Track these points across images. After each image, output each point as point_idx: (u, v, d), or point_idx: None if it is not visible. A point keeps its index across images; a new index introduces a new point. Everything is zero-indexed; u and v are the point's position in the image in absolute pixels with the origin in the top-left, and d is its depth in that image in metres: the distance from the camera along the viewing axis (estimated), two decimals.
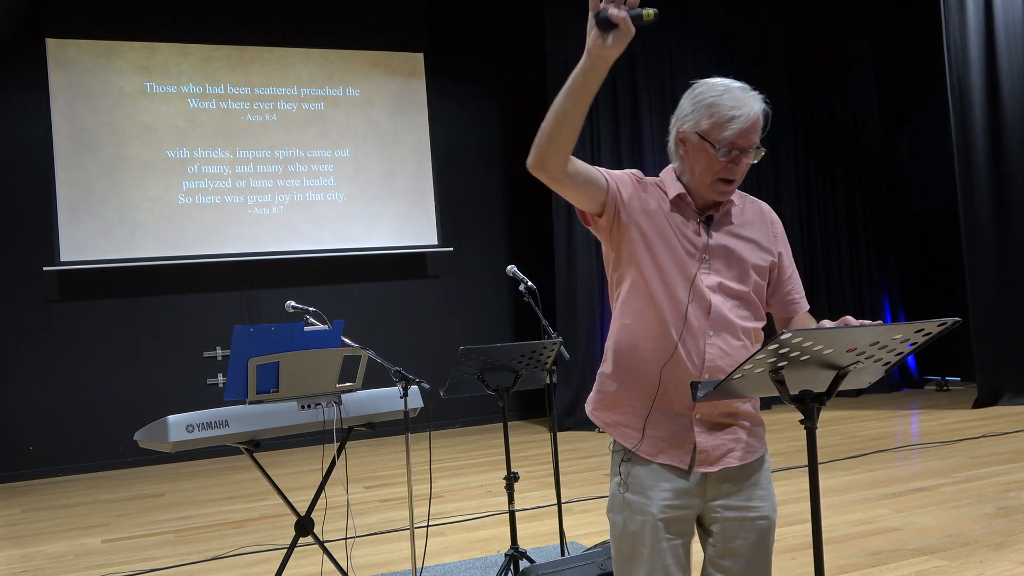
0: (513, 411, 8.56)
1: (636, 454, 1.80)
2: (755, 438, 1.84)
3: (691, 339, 1.75)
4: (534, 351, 3.20)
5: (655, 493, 1.77)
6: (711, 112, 1.73)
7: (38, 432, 7.28)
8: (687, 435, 1.77)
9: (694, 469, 1.77)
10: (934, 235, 9.10)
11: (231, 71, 7.91)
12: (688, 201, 1.81)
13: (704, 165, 1.76)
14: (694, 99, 1.78)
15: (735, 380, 1.55)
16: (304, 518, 3.25)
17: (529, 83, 8.62)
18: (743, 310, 1.80)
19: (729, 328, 1.77)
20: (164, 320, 7.69)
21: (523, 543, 3.75)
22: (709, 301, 1.76)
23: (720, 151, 1.73)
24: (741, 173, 1.77)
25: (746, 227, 1.85)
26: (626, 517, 1.80)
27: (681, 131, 1.80)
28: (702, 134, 1.75)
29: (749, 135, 1.73)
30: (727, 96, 1.73)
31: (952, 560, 3.45)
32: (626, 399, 1.82)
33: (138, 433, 2.97)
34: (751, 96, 1.74)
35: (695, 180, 1.80)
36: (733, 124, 1.71)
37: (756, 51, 8.77)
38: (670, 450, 1.78)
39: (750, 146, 1.74)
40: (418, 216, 8.39)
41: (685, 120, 1.79)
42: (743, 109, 1.71)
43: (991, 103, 7.27)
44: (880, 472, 5.14)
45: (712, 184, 1.77)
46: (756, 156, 1.76)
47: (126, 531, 5.07)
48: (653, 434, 1.78)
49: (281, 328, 3.09)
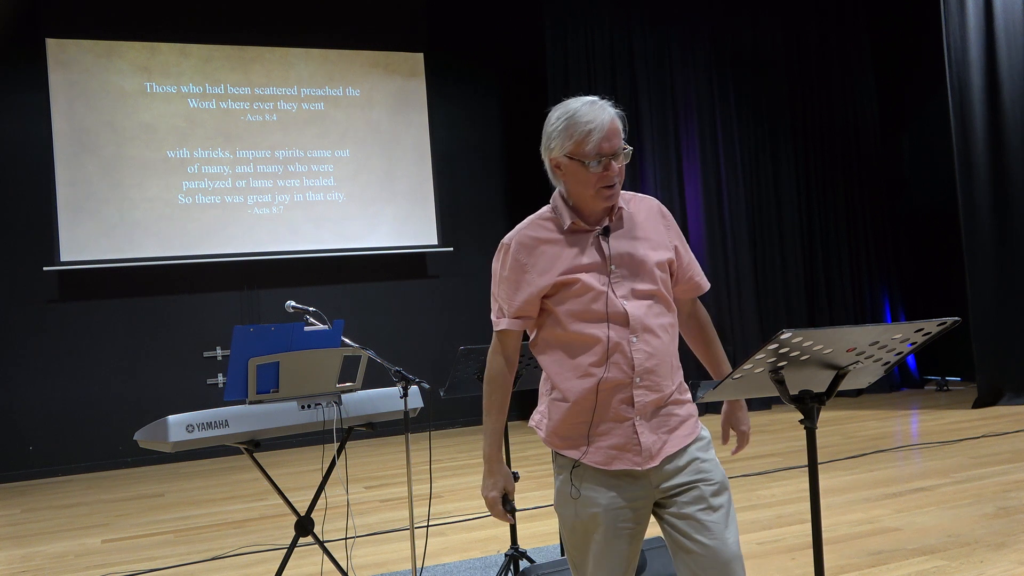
0: (513, 411, 8.54)
1: (586, 464, 1.88)
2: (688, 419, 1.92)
3: (618, 350, 1.84)
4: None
5: (604, 489, 1.86)
6: (569, 133, 1.84)
7: (38, 432, 7.28)
8: (633, 437, 1.85)
9: (644, 466, 1.85)
10: (934, 235, 9.10)
11: (231, 71, 7.91)
12: (581, 224, 1.90)
13: (582, 181, 1.86)
14: (552, 127, 1.89)
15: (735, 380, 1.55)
16: (304, 518, 3.25)
17: (529, 83, 8.63)
18: (656, 308, 1.90)
19: (648, 330, 1.87)
20: (164, 320, 7.69)
21: (523, 543, 3.75)
22: (625, 311, 1.85)
23: (591, 164, 1.83)
24: (619, 175, 1.87)
25: (639, 227, 1.95)
26: (577, 510, 1.88)
27: (553, 159, 1.90)
28: (570, 155, 1.85)
29: (611, 140, 1.84)
30: (578, 114, 1.85)
31: (952, 560, 3.45)
32: (571, 420, 1.89)
33: (138, 433, 2.97)
34: (599, 106, 1.86)
35: (581, 198, 1.90)
36: (592, 136, 1.82)
37: (756, 51, 8.77)
38: (622, 455, 1.86)
39: (616, 150, 1.85)
40: (418, 216, 8.39)
41: (551, 148, 1.89)
42: (596, 120, 1.83)
43: (991, 103, 7.27)
44: (880, 472, 5.14)
45: (596, 194, 1.87)
46: (626, 157, 1.87)
47: (126, 531, 5.07)
48: (603, 444, 1.86)
49: (281, 328, 3.09)
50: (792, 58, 8.94)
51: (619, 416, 1.85)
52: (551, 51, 8.11)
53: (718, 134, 8.45)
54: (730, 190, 8.44)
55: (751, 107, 8.68)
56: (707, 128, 8.41)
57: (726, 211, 8.41)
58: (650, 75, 8.30)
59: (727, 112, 8.50)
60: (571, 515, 1.89)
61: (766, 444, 6.35)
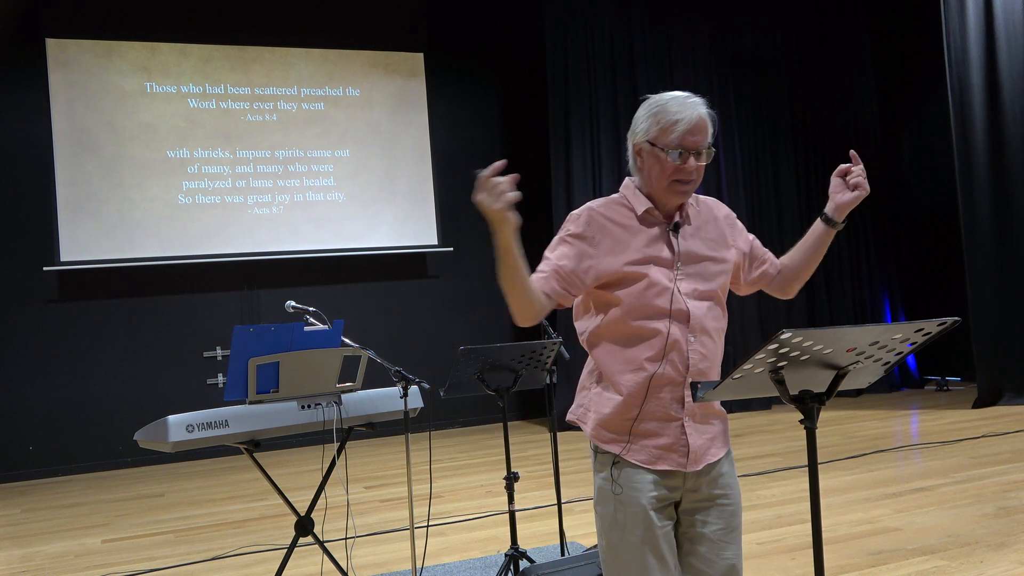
0: (513, 411, 8.57)
1: (626, 459, 1.87)
2: (724, 433, 1.96)
3: (675, 348, 1.85)
4: (534, 351, 3.20)
5: (645, 487, 1.85)
6: (657, 120, 1.85)
7: (38, 432, 7.28)
8: (682, 438, 1.86)
9: (687, 469, 1.87)
10: (934, 235, 9.10)
11: (231, 71, 7.91)
12: (655, 214, 1.91)
13: (658, 171, 1.87)
14: (644, 112, 1.89)
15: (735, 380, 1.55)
16: (304, 518, 3.25)
17: (529, 83, 8.63)
18: (715, 311, 1.91)
19: (706, 331, 1.88)
20: (164, 320, 7.69)
21: (523, 543, 3.75)
22: (687, 309, 1.85)
23: (670, 154, 1.84)
24: (696, 174, 1.87)
25: (705, 227, 1.96)
26: (616, 508, 1.87)
27: (635, 143, 1.91)
28: (652, 141, 1.86)
29: (695, 136, 1.84)
30: (671, 103, 1.85)
31: (952, 560, 3.45)
32: (620, 415, 1.88)
33: (138, 433, 2.97)
34: (694, 101, 1.87)
35: (654, 187, 1.90)
36: (678, 127, 1.83)
37: (756, 51, 8.77)
38: (668, 455, 1.86)
39: (698, 147, 1.85)
40: (418, 216, 8.39)
41: (636, 133, 1.90)
42: (686, 113, 1.84)
43: (991, 103, 7.27)
44: (880, 472, 5.14)
45: (669, 187, 1.87)
46: (707, 157, 1.88)
47: (126, 531, 5.07)
48: (649, 443, 1.86)
49: (281, 328, 3.09)
50: (792, 58, 8.94)
51: (668, 415, 1.86)
52: (551, 51, 8.11)
53: (718, 134, 8.45)
54: (730, 190, 8.44)
55: (751, 107, 8.68)
56: None
57: None
58: (650, 75, 8.30)
59: (727, 112, 8.50)
60: (611, 513, 1.88)
61: (766, 444, 6.35)
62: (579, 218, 1.91)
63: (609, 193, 1.99)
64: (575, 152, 8.04)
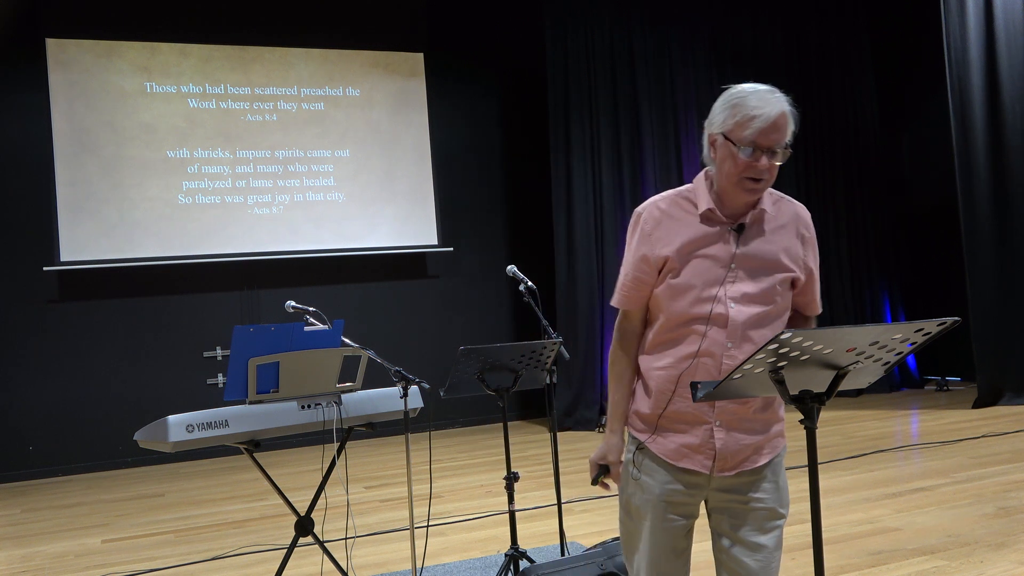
0: (513, 411, 8.56)
1: (650, 448, 1.89)
2: (774, 437, 1.91)
3: (709, 355, 1.82)
4: (534, 351, 3.20)
5: (662, 478, 1.87)
6: (735, 112, 1.78)
7: (38, 432, 7.28)
8: (709, 441, 1.84)
9: (713, 473, 1.85)
10: (934, 235, 9.10)
11: (231, 71, 7.91)
12: (717, 214, 1.85)
13: (730, 165, 1.80)
14: (722, 102, 1.83)
15: (735, 380, 1.55)
16: (304, 518, 3.25)
17: (529, 83, 8.63)
18: (762, 318, 1.84)
19: (747, 339, 1.82)
20: (164, 320, 7.68)
21: (523, 543, 3.75)
22: (727, 315, 1.81)
23: (743, 150, 1.77)
24: (769, 172, 1.80)
25: (777, 232, 1.89)
26: (632, 492, 1.91)
27: (711, 134, 1.84)
28: (726, 134, 1.79)
29: (770, 134, 1.76)
30: (752, 97, 1.78)
31: (952, 560, 3.45)
32: (649, 409, 1.90)
33: (138, 433, 2.97)
34: (776, 97, 1.79)
35: (724, 182, 1.83)
36: (754, 123, 1.75)
37: (756, 51, 8.78)
38: (693, 456, 1.85)
39: (773, 145, 1.78)
40: (418, 216, 8.39)
41: (714, 123, 1.84)
42: (765, 109, 1.76)
43: (991, 103, 7.27)
44: (880, 472, 5.14)
45: (739, 183, 1.80)
46: (783, 156, 1.80)
47: (126, 531, 5.07)
48: (677, 440, 1.86)
49: (281, 328, 3.09)
50: (792, 58, 8.94)
51: (697, 418, 1.84)
52: (551, 51, 8.11)
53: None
54: None
55: None
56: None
57: None
58: (650, 75, 8.30)
59: None
60: (629, 493, 1.93)
61: None
62: (638, 220, 1.91)
63: (609, 193, 1.99)
64: (575, 152, 8.03)
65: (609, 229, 7.95)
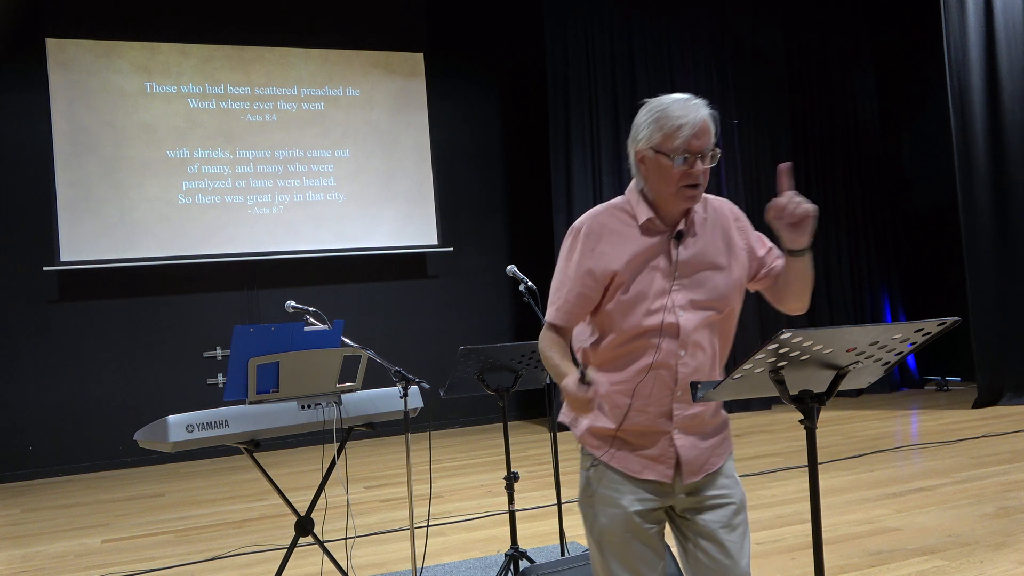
0: (513, 411, 8.56)
1: (610, 464, 1.88)
2: (724, 435, 1.94)
3: (664, 366, 1.83)
4: (534, 351, 3.19)
5: (627, 490, 1.86)
6: (660, 125, 1.80)
7: (38, 432, 7.28)
8: (669, 451, 1.85)
9: (678, 480, 1.85)
10: (934, 235, 9.10)
11: (231, 71, 7.91)
12: (657, 223, 1.86)
13: (665, 177, 1.81)
14: (646, 117, 1.84)
15: (735, 380, 1.55)
16: (304, 518, 3.25)
17: (529, 83, 8.63)
18: (711, 321, 1.86)
19: (698, 345, 1.84)
20: (164, 320, 7.68)
21: (523, 543, 3.75)
22: (678, 323, 1.82)
23: (676, 160, 1.79)
24: (703, 177, 1.82)
25: (712, 231, 1.90)
26: (598, 511, 1.88)
27: (638, 150, 1.86)
28: (656, 147, 1.81)
29: (700, 139, 1.79)
30: (674, 107, 1.80)
31: (952, 560, 3.45)
32: (604, 424, 1.89)
33: (138, 433, 2.97)
34: (695, 104, 1.82)
35: (660, 195, 1.85)
36: (682, 131, 1.78)
37: (756, 51, 8.77)
38: (655, 466, 1.86)
39: (703, 149, 1.80)
40: (418, 216, 8.39)
41: (638, 140, 1.85)
42: (689, 116, 1.79)
43: (991, 103, 7.27)
44: (880, 472, 5.14)
45: (677, 193, 1.82)
46: (712, 159, 1.82)
47: (126, 531, 5.07)
48: (637, 452, 1.86)
49: (281, 328, 3.09)
50: (792, 58, 8.94)
51: (656, 428, 1.85)
52: (551, 51, 8.11)
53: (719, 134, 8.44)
54: (730, 190, 8.44)
55: (751, 107, 8.67)
56: None
57: None
58: (650, 74, 8.30)
59: (727, 112, 8.49)
60: (591, 515, 1.90)
61: (766, 444, 6.35)
62: (577, 235, 1.91)
63: (609, 193, 1.99)
64: (575, 151, 8.03)
65: None
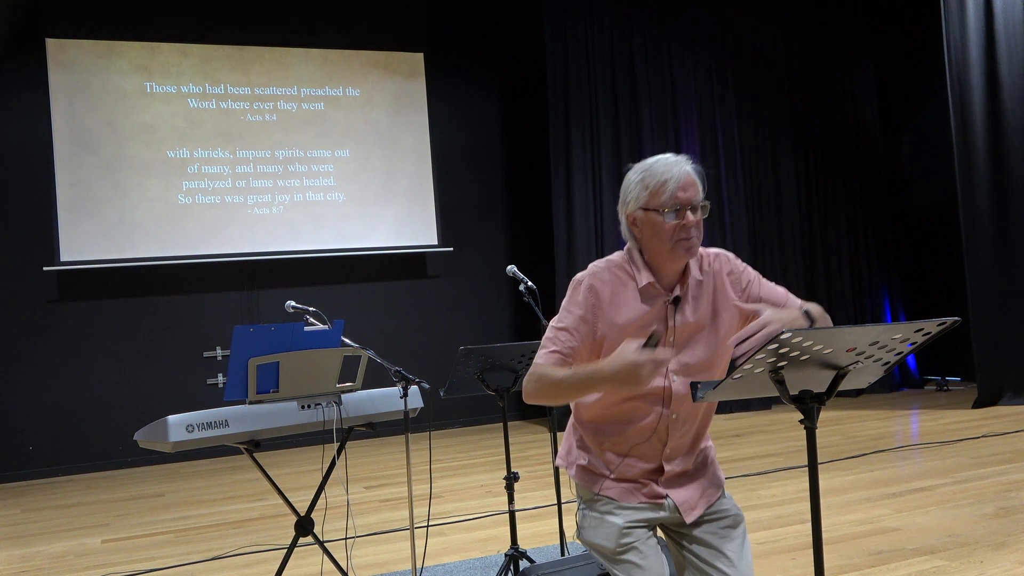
0: (513, 411, 8.56)
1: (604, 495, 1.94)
2: (713, 468, 2.01)
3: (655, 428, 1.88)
4: (534, 351, 3.19)
5: (624, 509, 1.91)
6: (646, 184, 1.83)
7: (38, 432, 7.28)
8: (660, 494, 1.92)
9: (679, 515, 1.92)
10: (934, 235, 9.10)
11: (231, 71, 7.91)
12: (657, 287, 1.88)
13: (659, 234, 1.83)
14: (633, 181, 1.87)
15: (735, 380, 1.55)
16: (304, 518, 3.25)
17: (529, 83, 8.63)
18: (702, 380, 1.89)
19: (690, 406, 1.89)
20: (164, 320, 7.68)
21: (523, 543, 3.75)
22: (671, 388, 1.86)
23: (667, 215, 1.80)
24: (696, 229, 1.83)
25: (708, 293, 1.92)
26: (594, 534, 1.93)
27: (628, 213, 1.88)
28: (645, 206, 1.84)
29: (686, 191, 1.81)
30: (657, 165, 1.84)
31: (952, 560, 3.45)
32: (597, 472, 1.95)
33: (138, 433, 2.97)
34: (678, 160, 1.85)
35: (657, 254, 1.86)
36: (668, 185, 1.80)
37: (756, 51, 8.77)
38: (648, 500, 1.93)
39: (692, 201, 1.82)
40: (418, 216, 8.39)
41: (628, 203, 1.88)
42: (673, 170, 1.82)
43: (991, 103, 7.27)
44: (880, 472, 5.14)
45: (673, 248, 1.83)
46: (704, 212, 1.84)
47: (126, 531, 5.07)
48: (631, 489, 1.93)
49: (281, 328, 3.09)
50: (792, 58, 8.94)
51: (647, 480, 1.93)
52: (551, 50, 8.11)
53: (718, 134, 8.45)
54: (730, 190, 8.44)
55: (751, 107, 8.67)
56: (707, 128, 8.40)
57: (726, 211, 8.41)
58: (650, 74, 8.30)
59: (727, 112, 8.49)
60: (590, 540, 1.95)
61: (766, 444, 6.35)
62: (579, 287, 1.92)
63: (609, 193, 2.01)
64: (575, 151, 8.03)
65: (609, 229, 7.95)
